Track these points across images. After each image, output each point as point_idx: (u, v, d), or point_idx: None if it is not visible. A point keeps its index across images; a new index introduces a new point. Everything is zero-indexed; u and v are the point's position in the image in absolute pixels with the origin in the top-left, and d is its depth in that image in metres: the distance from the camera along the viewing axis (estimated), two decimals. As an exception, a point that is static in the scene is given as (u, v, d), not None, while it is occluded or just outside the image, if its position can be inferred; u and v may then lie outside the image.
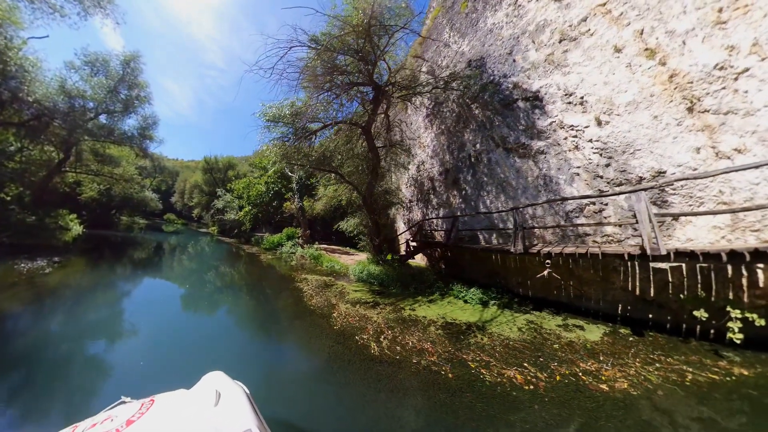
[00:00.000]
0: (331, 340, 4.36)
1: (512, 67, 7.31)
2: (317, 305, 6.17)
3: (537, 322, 5.03)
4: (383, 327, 4.85)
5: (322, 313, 5.60)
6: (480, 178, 7.83)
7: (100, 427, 1.37)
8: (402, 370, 3.52)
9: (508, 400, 2.85)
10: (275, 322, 5.59)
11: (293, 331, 5.01)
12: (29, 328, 4.44)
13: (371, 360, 3.74)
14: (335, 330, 4.70)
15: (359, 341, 4.28)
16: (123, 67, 16.19)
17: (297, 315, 5.69)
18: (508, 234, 7.13)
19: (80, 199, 21.08)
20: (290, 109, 8.83)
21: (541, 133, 6.29)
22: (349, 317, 5.33)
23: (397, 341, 4.30)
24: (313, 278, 9.08)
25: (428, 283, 7.44)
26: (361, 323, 5.01)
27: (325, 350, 4.06)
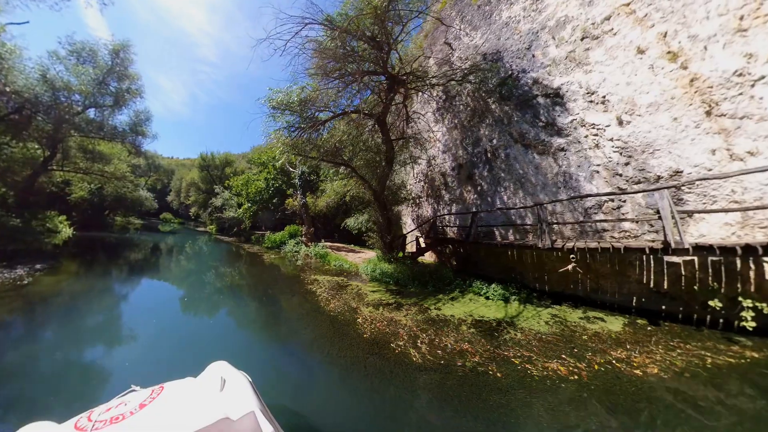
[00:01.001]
0: (364, 350, 4.15)
1: (531, 63, 7.63)
2: (338, 310, 5.93)
3: (560, 315, 5.52)
4: (415, 330, 4.84)
5: (346, 320, 5.36)
6: (497, 174, 8.23)
7: (115, 411, 1.55)
8: (449, 375, 3.53)
9: (559, 392, 3.10)
10: (295, 333, 5.10)
11: (319, 344, 4.51)
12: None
13: (415, 369, 3.66)
14: (366, 339, 4.50)
15: (396, 349, 4.17)
16: (112, 57, 15.90)
17: (318, 324, 5.31)
18: (526, 230, 7.59)
19: (70, 200, 20.84)
20: (298, 96, 8.55)
21: (561, 130, 6.68)
22: (376, 322, 5.19)
23: (435, 344, 4.32)
24: (324, 279, 8.95)
25: (447, 281, 7.73)
26: (392, 328, 4.91)
27: (360, 363, 3.81)
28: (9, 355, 3.90)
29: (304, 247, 16.09)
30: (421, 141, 10.92)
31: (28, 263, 9.07)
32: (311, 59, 8.58)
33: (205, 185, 33.87)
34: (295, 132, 8.86)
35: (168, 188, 47.90)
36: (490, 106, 8.65)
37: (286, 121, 8.94)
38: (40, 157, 16.81)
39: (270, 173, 20.88)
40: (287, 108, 8.66)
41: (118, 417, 1.50)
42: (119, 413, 1.53)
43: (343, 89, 8.95)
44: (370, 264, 9.93)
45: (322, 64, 8.47)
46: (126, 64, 16.38)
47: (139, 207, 28.71)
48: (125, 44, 16.06)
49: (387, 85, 8.94)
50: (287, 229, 18.89)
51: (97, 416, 1.52)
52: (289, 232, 18.72)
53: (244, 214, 21.27)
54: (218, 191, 26.02)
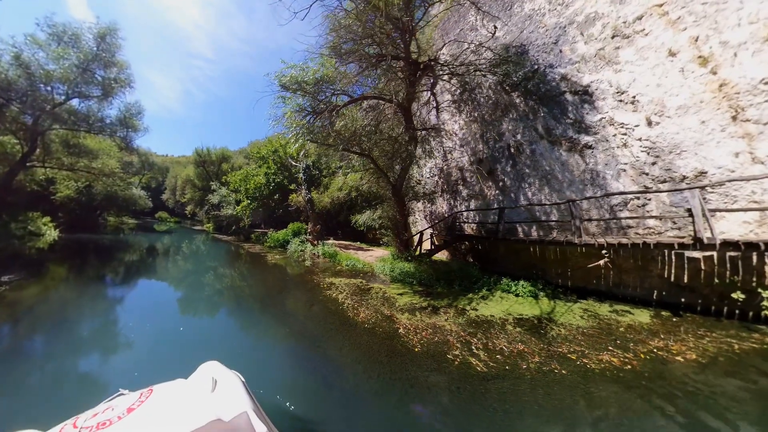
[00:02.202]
0: (421, 367, 3.95)
1: (559, 58, 8.06)
2: (371, 321, 5.64)
3: (590, 309, 6.17)
4: (464, 335, 4.89)
5: (386, 332, 5.09)
6: (521, 170, 8.77)
7: (102, 416, 1.57)
8: (518, 380, 3.62)
9: (621, 382, 3.47)
10: (330, 356, 4.42)
11: (365, 367, 4.05)
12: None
13: (481, 378, 3.66)
14: (418, 353, 4.32)
15: (454, 360, 4.11)
16: (97, 42, 15.50)
17: (356, 340, 4.82)
18: (551, 226, 8.21)
19: (55, 200, 20.45)
20: (314, 75, 8.03)
21: (589, 128, 7.21)
22: (419, 331, 5.09)
23: (490, 349, 4.42)
24: (341, 282, 8.67)
25: (474, 279, 8.13)
26: (439, 336, 4.87)
27: (421, 384, 3.58)
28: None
29: (310, 246, 16.26)
30: (443, 133, 11.06)
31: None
32: (326, 36, 8.19)
33: (201, 182, 34.09)
34: (307, 117, 8.45)
35: (163, 186, 48.61)
36: (514, 100, 9.09)
37: (297, 104, 8.48)
38: (18, 153, 16.43)
39: (270, 168, 20.97)
40: (300, 88, 8.17)
41: (105, 423, 1.52)
42: (106, 418, 1.55)
43: (360, 73, 8.67)
44: (386, 263, 10.22)
45: (338, 43, 8.21)
46: (113, 49, 16.02)
47: (133, 206, 28.73)
48: (112, 28, 15.69)
49: (410, 70, 8.73)
50: (290, 226, 19.08)
51: (83, 422, 1.54)
52: (293, 230, 18.89)
53: (243, 212, 21.42)
54: (215, 188, 26.14)
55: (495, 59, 8.63)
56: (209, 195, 27.28)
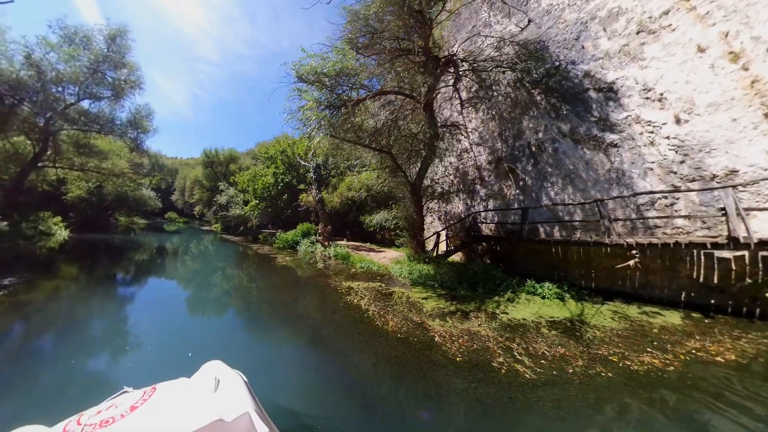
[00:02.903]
0: (465, 377, 3.91)
1: (581, 55, 8.24)
2: (403, 329, 5.52)
3: (619, 311, 6.35)
4: (502, 341, 4.97)
5: (422, 342, 5.00)
6: (543, 169, 8.95)
7: (105, 414, 1.64)
8: (567, 385, 3.71)
9: (668, 385, 3.61)
10: (366, 375, 4.13)
11: (406, 381, 3.90)
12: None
13: (531, 386, 3.69)
14: (461, 362, 4.29)
15: (500, 368, 4.12)
16: (107, 43, 16.23)
17: (390, 353, 4.61)
18: (574, 226, 8.37)
19: (66, 200, 21.44)
20: (333, 67, 7.92)
21: (614, 126, 7.38)
22: (456, 339, 5.06)
23: (532, 353, 4.50)
24: (360, 286, 8.63)
25: (497, 281, 8.27)
26: (477, 343, 4.90)
27: (471, 395, 3.55)
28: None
29: (320, 247, 16.63)
30: (461, 130, 11.21)
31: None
32: (342, 29, 8.22)
33: (209, 183, 35.75)
34: (328, 110, 8.42)
35: (172, 188, 51.79)
36: (534, 98, 9.28)
37: (314, 98, 8.40)
38: (30, 153, 17.17)
39: (279, 168, 21.44)
40: (318, 80, 8.12)
41: (108, 420, 1.58)
42: (109, 416, 1.62)
43: (381, 66, 8.72)
44: (403, 265, 10.40)
45: (354, 36, 8.29)
46: (123, 51, 16.79)
47: (143, 207, 30.24)
48: (122, 29, 16.44)
49: (432, 65, 8.80)
50: (300, 227, 19.53)
51: (87, 419, 1.61)
52: (302, 230, 19.32)
53: (251, 212, 21.96)
54: (223, 188, 27.14)
55: (518, 55, 8.74)
56: (217, 195, 28.37)
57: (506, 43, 9.03)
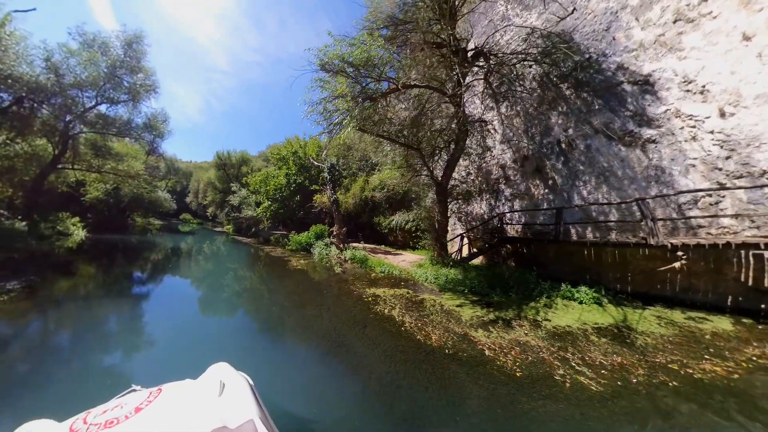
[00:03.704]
0: (529, 394, 3.83)
1: (613, 46, 8.26)
2: (447, 342, 5.33)
3: (663, 316, 6.34)
4: (555, 350, 4.96)
5: (471, 356, 4.85)
6: (574, 167, 8.97)
7: (111, 414, 1.72)
8: (636, 396, 3.74)
9: (738, 393, 3.65)
10: (421, 402, 3.84)
11: (469, 408, 3.71)
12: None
13: (600, 399, 3.69)
14: (520, 378, 4.21)
15: (561, 380, 4.11)
16: (124, 49, 17.36)
17: (442, 373, 4.40)
18: (609, 227, 8.35)
19: (84, 201, 23.02)
20: (361, 54, 7.71)
21: (652, 120, 7.37)
22: (506, 351, 4.98)
23: (589, 364, 4.52)
24: (386, 294, 8.47)
25: (531, 286, 8.22)
26: (530, 354, 4.87)
27: (541, 415, 3.47)
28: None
29: (335, 250, 16.94)
30: (489, 127, 11.23)
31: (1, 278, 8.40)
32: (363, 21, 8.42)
33: (221, 184, 37.89)
34: (357, 101, 8.21)
35: (187, 190, 55.77)
36: (563, 92, 9.32)
37: (345, 86, 8.24)
38: (49, 155, 18.35)
39: (291, 168, 22.04)
40: (342, 71, 7.99)
41: (113, 421, 1.66)
42: (114, 416, 1.70)
43: (410, 58, 8.75)
44: (426, 270, 10.40)
45: (375, 28, 8.45)
46: (139, 56, 17.84)
47: (159, 208, 32.33)
48: (138, 35, 17.54)
49: (460, 58, 8.77)
50: (313, 229, 19.96)
51: (93, 418, 1.70)
52: (315, 232, 19.73)
53: (263, 213, 22.66)
54: (235, 189, 28.54)
55: (546, 48, 8.76)
56: (230, 196, 29.81)
57: (535, 34, 9.07)
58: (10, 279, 8.59)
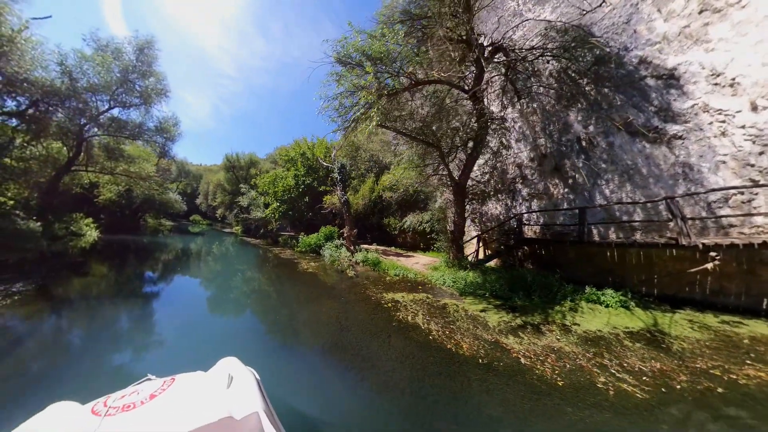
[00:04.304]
0: (575, 404, 3.78)
1: (634, 39, 8.23)
2: (479, 351, 5.24)
3: (695, 320, 6.27)
4: (590, 356, 4.96)
5: (507, 365, 4.79)
6: (596, 165, 8.93)
7: (128, 399, 1.93)
8: (682, 403, 3.72)
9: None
10: (465, 422, 3.62)
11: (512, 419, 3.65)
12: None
13: (647, 407, 3.68)
14: (560, 386, 4.18)
15: (604, 388, 4.10)
16: (136, 54, 18.22)
17: (482, 386, 4.28)
18: (633, 227, 8.28)
19: (97, 202, 24.28)
20: (380, 46, 7.62)
21: (678, 116, 7.31)
22: (541, 358, 4.96)
23: (629, 370, 4.52)
24: (405, 298, 8.37)
25: (553, 289, 8.16)
26: (567, 361, 4.84)
27: (590, 426, 3.44)
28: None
29: (345, 252, 17.10)
30: (507, 124, 11.21)
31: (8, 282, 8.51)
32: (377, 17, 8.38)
33: (230, 186, 39.62)
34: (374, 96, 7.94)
35: (197, 192, 58.73)
36: (582, 88, 9.31)
37: (353, 84, 8.18)
38: (64, 157, 19.29)
39: (299, 169, 22.44)
40: (359, 64, 7.95)
41: (130, 405, 1.87)
42: (131, 402, 1.91)
43: (418, 55, 8.65)
44: (443, 273, 10.41)
45: (391, 21, 8.38)
46: (150, 60, 18.70)
47: (170, 209, 34.27)
48: (149, 40, 18.45)
49: (476, 53, 8.74)
50: (323, 230, 20.20)
51: (112, 402, 1.91)
52: (325, 234, 19.94)
53: (272, 215, 23.14)
54: (244, 190, 29.67)
55: (566, 42, 8.75)
56: (239, 198, 31.00)
57: (552, 29, 9.07)
58: (17, 281, 8.95)
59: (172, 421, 1.79)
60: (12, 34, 12.25)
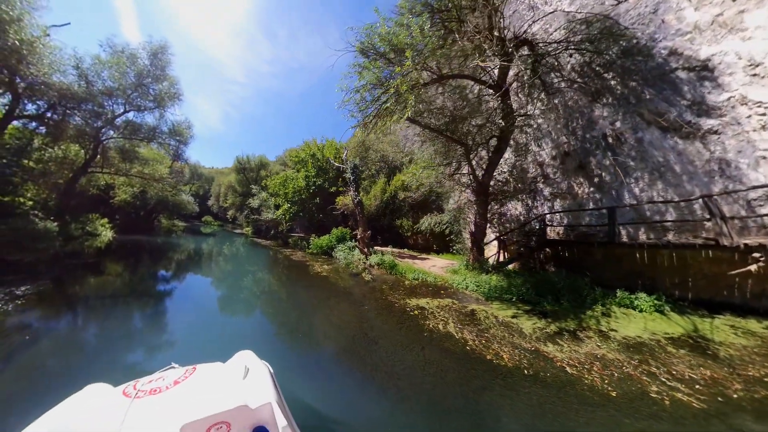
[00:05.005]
0: (632, 416, 3.77)
1: (663, 30, 8.11)
2: (522, 361, 5.11)
3: (738, 326, 6.11)
4: (637, 364, 4.91)
5: (554, 376, 4.69)
6: (624, 163, 8.80)
7: (155, 383, 2.22)
8: (742, 413, 3.68)
9: None
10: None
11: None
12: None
13: (705, 417, 3.67)
14: (612, 397, 4.13)
15: (658, 397, 4.07)
16: (150, 58, 19.12)
17: (531, 399, 4.15)
18: (666, 228, 8.11)
19: (113, 203, 25.66)
20: (404, 38, 7.50)
21: (713, 109, 7.16)
22: (586, 366, 4.89)
23: (679, 378, 4.48)
24: (429, 304, 8.21)
25: (582, 293, 7.95)
26: (613, 369, 4.80)
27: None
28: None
29: (359, 254, 17.17)
30: (531, 122, 11.09)
31: (15, 283, 8.76)
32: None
33: (241, 188, 41.73)
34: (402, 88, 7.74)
35: (209, 194, 62.19)
36: (607, 82, 9.19)
37: (376, 77, 8.06)
38: (81, 160, 20.33)
39: (310, 170, 22.82)
40: (383, 55, 7.87)
41: (156, 389, 2.14)
42: (157, 386, 2.18)
43: (447, 47, 8.54)
44: (464, 276, 10.34)
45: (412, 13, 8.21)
46: (164, 65, 19.60)
47: (183, 211, 36.35)
48: (163, 45, 19.40)
49: (499, 47, 8.60)
50: (334, 232, 20.42)
51: (141, 386, 2.19)
52: (337, 235, 20.16)
53: (283, 216, 23.63)
54: (255, 191, 31.11)
55: (591, 34, 8.61)
56: (249, 199, 32.51)
57: (576, 20, 8.95)
58: (32, 281, 9.42)
59: (194, 405, 2.00)
60: (32, 39, 12.98)
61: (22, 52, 12.50)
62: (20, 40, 12.29)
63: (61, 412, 2.06)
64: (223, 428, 1.96)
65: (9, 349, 5.32)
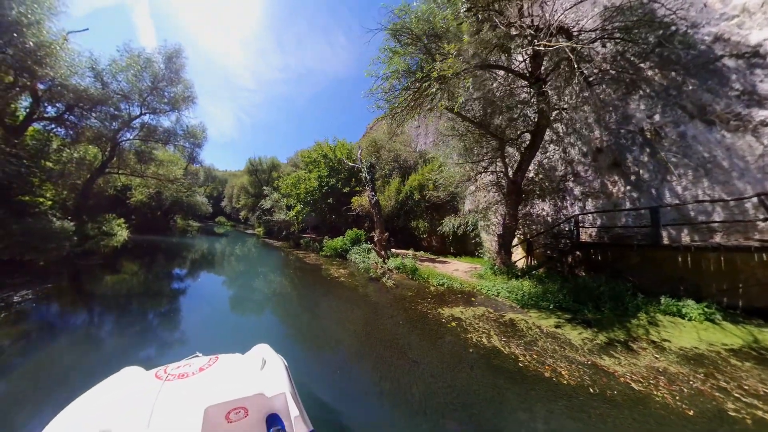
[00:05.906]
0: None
1: (705, 15, 7.81)
2: (582, 379, 4.93)
3: None
4: (704, 379, 4.80)
5: (623, 393, 4.55)
6: (665, 159, 8.48)
7: (182, 369, 2.57)
8: None
9: None
10: None
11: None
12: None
13: None
14: (690, 416, 4.03)
15: (737, 416, 3.97)
16: (165, 62, 20.10)
17: (605, 423, 3.95)
18: (712, 229, 7.77)
19: (129, 204, 27.23)
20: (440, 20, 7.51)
21: (766, 99, 6.82)
22: (651, 381, 4.79)
23: (753, 394, 4.39)
24: (463, 314, 7.94)
25: (626, 300, 7.79)
26: (681, 385, 4.69)
27: None
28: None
29: (376, 257, 16.97)
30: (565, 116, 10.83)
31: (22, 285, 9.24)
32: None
33: (253, 189, 44.24)
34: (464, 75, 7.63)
35: (222, 195, 66.64)
36: (644, 73, 8.91)
37: (406, 65, 8.06)
38: (98, 161, 21.42)
39: (322, 171, 23.07)
40: (417, 40, 7.74)
41: (183, 375, 2.47)
42: (185, 372, 2.52)
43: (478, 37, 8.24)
44: (494, 281, 10.15)
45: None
46: (178, 69, 20.57)
47: (197, 211, 39.11)
48: (177, 49, 20.39)
49: (532, 36, 8.43)
50: (349, 234, 20.45)
51: (170, 370, 2.54)
52: (351, 237, 20.16)
53: (295, 217, 24.05)
54: (267, 192, 32.25)
55: (627, 22, 8.29)
56: (261, 200, 34.04)
57: (610, 8, 8.65)
58: (41, 281, 10.05)
59: (216, 391, 2.26)
60: (50, 42, 13.72)
61: (40, 54, 13.24)
62: (38, 42, 13.00)
63: (103, 390, 2.44)
64: (241, 413, 2.17)
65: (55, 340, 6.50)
